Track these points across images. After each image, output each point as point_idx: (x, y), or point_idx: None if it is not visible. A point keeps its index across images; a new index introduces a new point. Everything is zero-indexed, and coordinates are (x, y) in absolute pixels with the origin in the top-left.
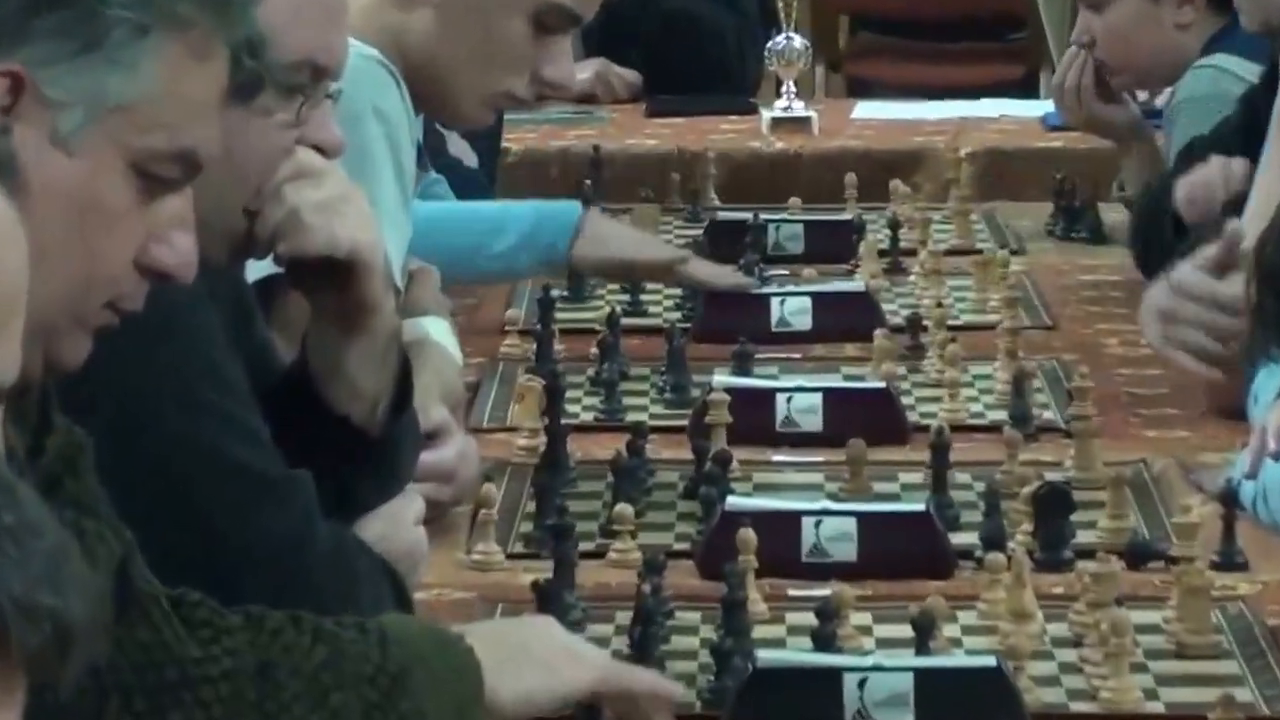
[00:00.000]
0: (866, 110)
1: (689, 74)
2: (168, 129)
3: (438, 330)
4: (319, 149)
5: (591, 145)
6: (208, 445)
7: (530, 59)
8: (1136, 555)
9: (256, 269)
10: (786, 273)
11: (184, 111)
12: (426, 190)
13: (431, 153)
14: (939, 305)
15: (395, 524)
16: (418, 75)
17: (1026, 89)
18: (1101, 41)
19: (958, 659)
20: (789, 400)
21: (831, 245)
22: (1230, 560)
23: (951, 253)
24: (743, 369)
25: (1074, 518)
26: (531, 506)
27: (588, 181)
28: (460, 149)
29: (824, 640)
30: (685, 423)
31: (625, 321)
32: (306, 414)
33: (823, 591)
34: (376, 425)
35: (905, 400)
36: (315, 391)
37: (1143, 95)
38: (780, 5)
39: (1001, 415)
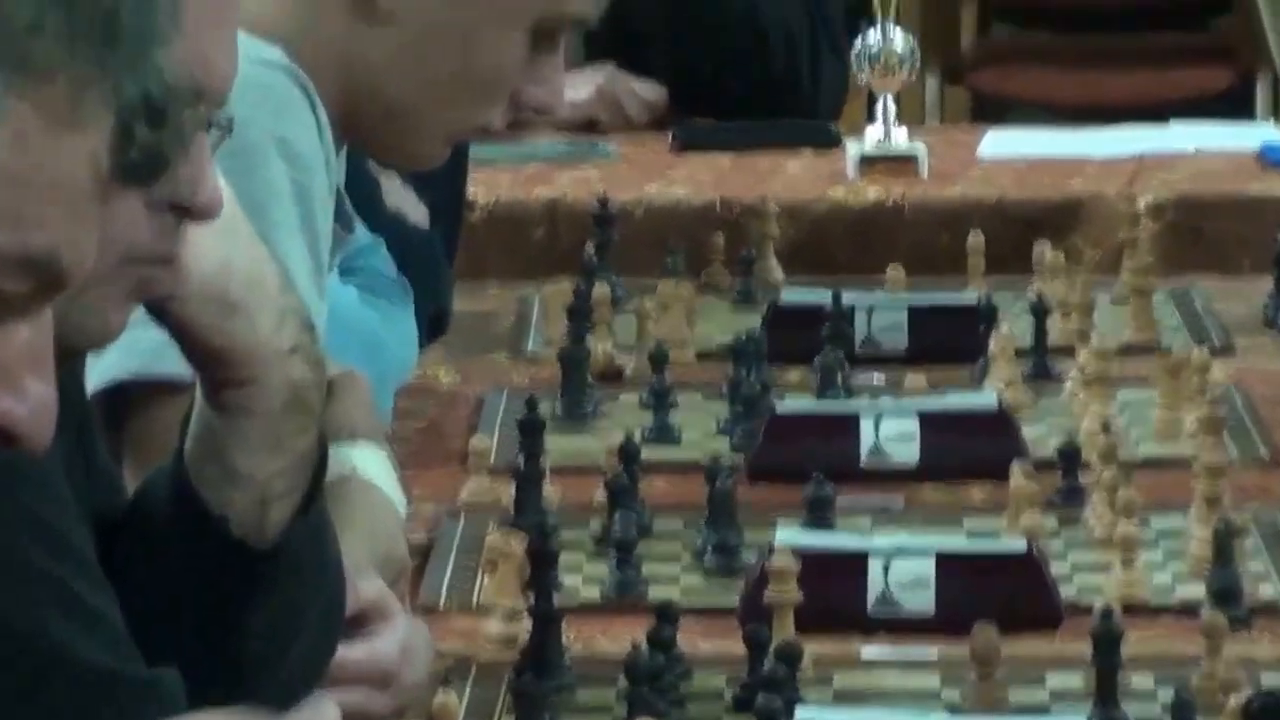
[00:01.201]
0: (1001, 142)
1: (736, 88)
2: (8, 223)
3: (369, 463)
4: (186, 213)
5: (596, 194)
6: (40, 632)
7: (516, 83)
8: None
9: (99, 370)
10: (883, 380)
11: (33, 199)
12: (352, 261)
13: (361, 205)
14: (1105, 430)
15: None
16: (360, 101)
17: (1236, 104)
18: None
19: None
20: (887, 567)
21: (948, 339)
22: None
23: (1126, 351)
24: (819, 521)
25: None
26: None
27: (590, 247)
28: (403, 200)
29: None
30: (735, 602)
31: (647, 453)
32: (176, 528)
33: None
34: (266, 529)
35: (1057, 568)
36: (190, 491)
37: None
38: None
39: (1198, 591)
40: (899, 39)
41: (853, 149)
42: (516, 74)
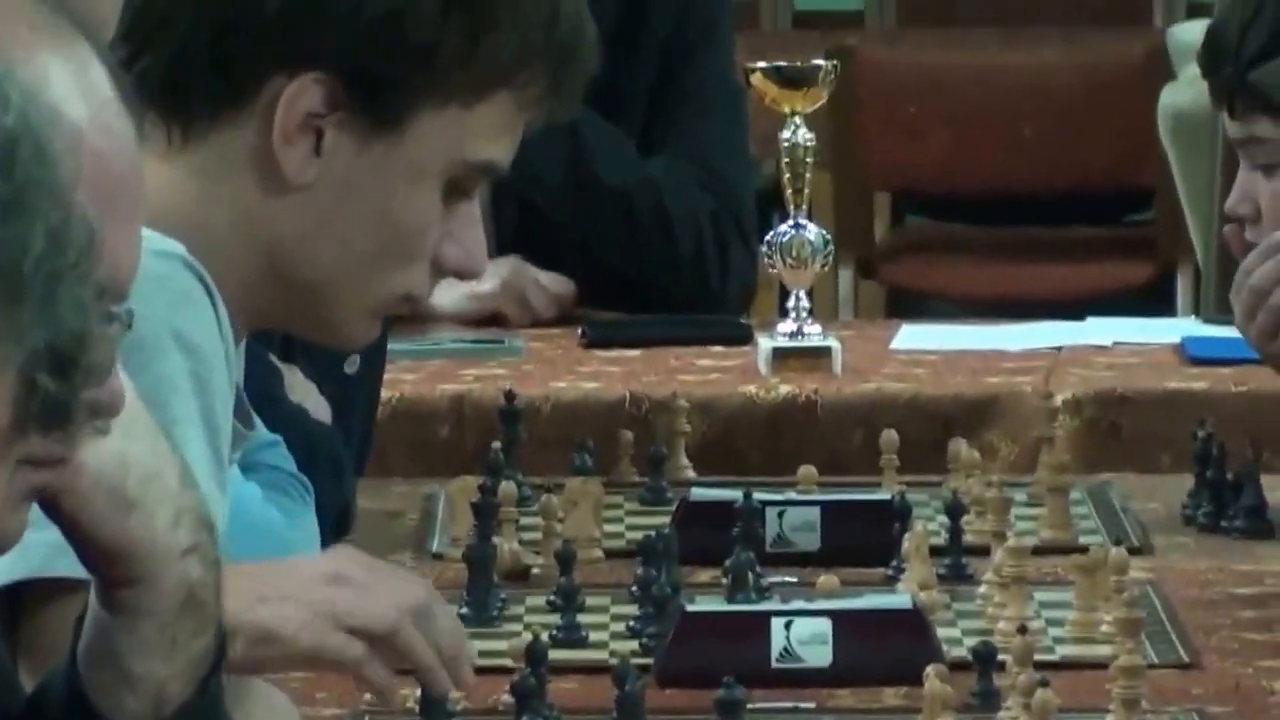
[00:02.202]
0: (915, 336)
1: (645, 280)
2: None
3: None
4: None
5: (502, 390)
6: None
7: (434, 240)
8: None
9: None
10: (794, 580)
11: None
12: (253, 457)
13: (262, 398)
14: (1022, 631)
15: None
16: (278, 278)
17: (1155, 298)
18: (1274, 212)
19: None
20: None
21: (862, 539)
22: None
23: (1043, 551)
24: None
25: None
26: None
27: (495, 446)
28: (306, 395)
29: None
30: None
31: (555, 654)
32: None
33: None
34: None
35: None
36: (82, 695)
37: None
38: (785, 176)
39: None
40: (812, 231)
41: (764, 344)
42: (433, 231)
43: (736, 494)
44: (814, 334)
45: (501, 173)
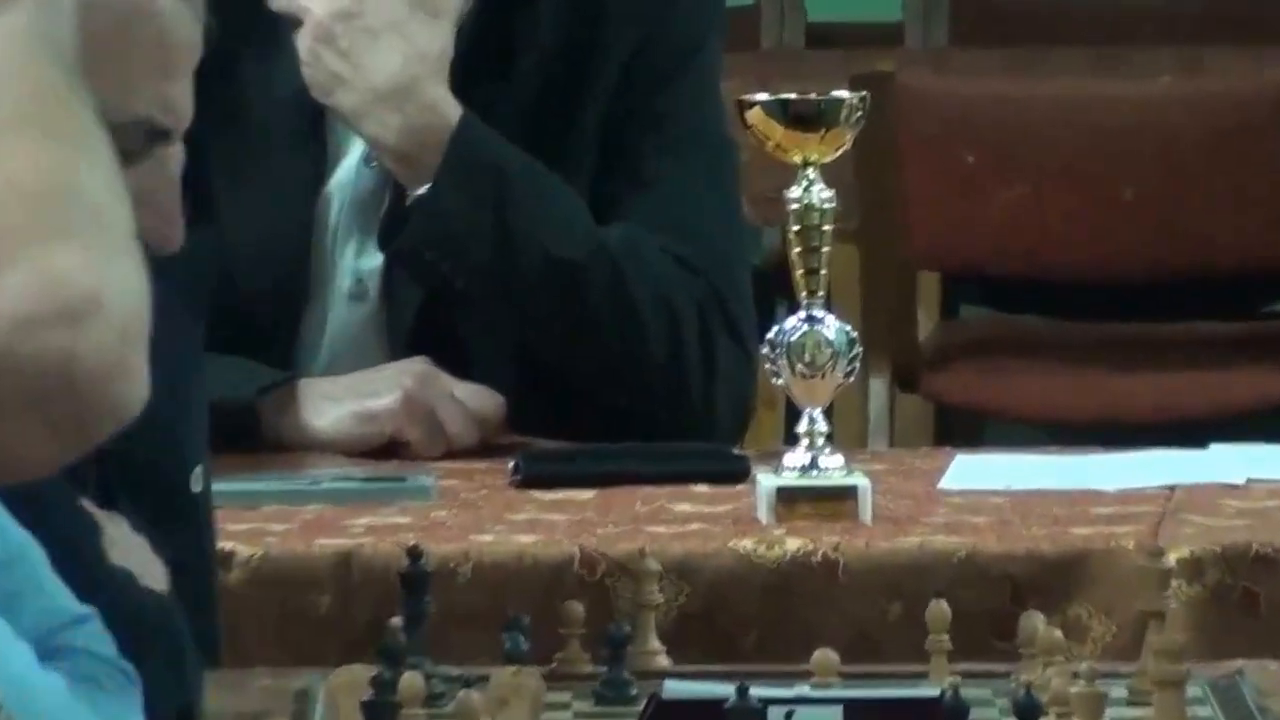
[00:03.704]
0: (973, 472)
1: (603, 393)
2: None
3: None
4: None
5: (403, 546)
6: None
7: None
8: None
9: None
10: None
11: None
12: (56, 639)
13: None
14: None
15: None
16: None
17: None
18: None
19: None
20: None
21: None
22: None
23: None
24: None
25: None
26: None
27: (395, 623)
28: (132, 552)
29: None
30: None
31: None
32: None
33: None
34: None
35: None
36: None
37: None
38: (794, 250)
39: None
40: (831, 326)
41: (766, 482)
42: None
43: (728, 689)
44: (834, 468)
45: (163, 128)
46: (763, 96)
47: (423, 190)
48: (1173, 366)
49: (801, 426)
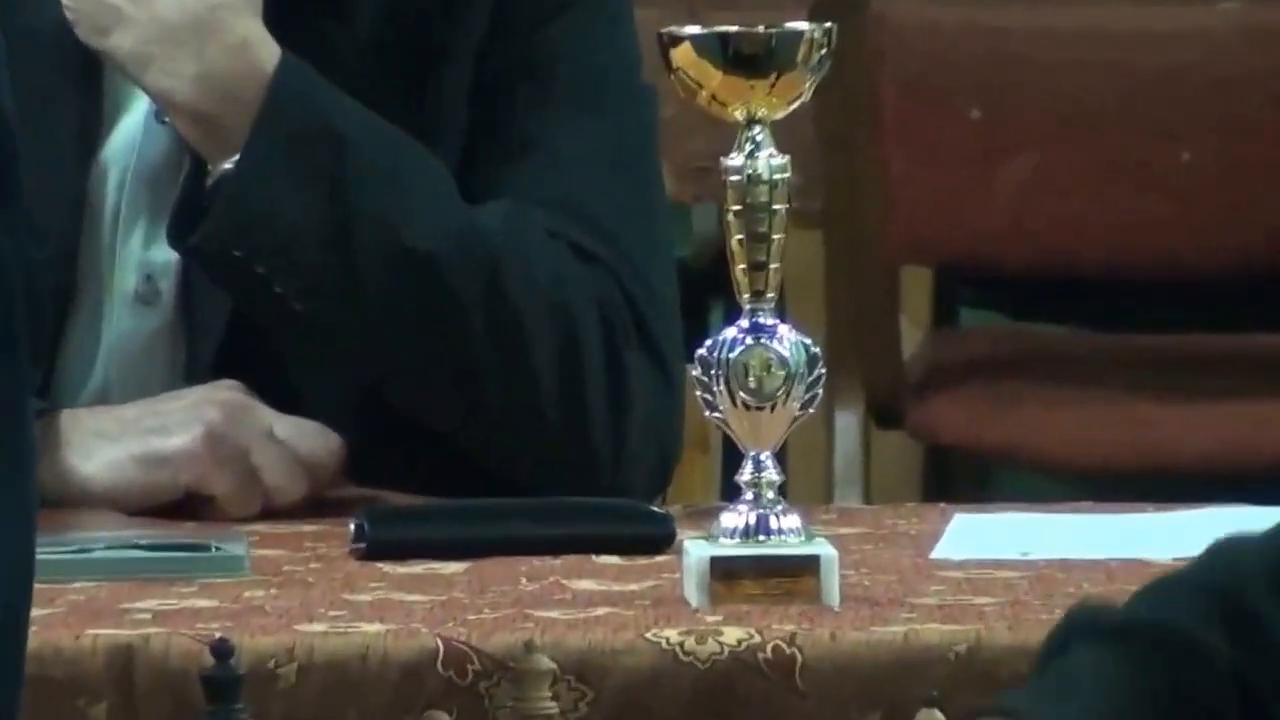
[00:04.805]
0: (974, 536)
1: (474, 429)
2: None
3: None
4: None
5: (206, 641)
6: None
7: None
8: None
9: None
10: None
11: None
12: None
13: None
14: None
15: None
16: None
17: None
18: None
19: None
20: None
21: None
22: None
23: None
24: None
25: None
26: None
27: None
28: None
29: None
30: None
31: None
32: None
33: None
34: None
35: None
36: None
37: None
38: (734, 237)
39: None
40: (785, 340)
41: (696, 551)
42: None
43: None
44: (789, 532)
45: None
46: (693, 30)
47: (229, 164)
48: (1237, 394)
49: (744, 475)
